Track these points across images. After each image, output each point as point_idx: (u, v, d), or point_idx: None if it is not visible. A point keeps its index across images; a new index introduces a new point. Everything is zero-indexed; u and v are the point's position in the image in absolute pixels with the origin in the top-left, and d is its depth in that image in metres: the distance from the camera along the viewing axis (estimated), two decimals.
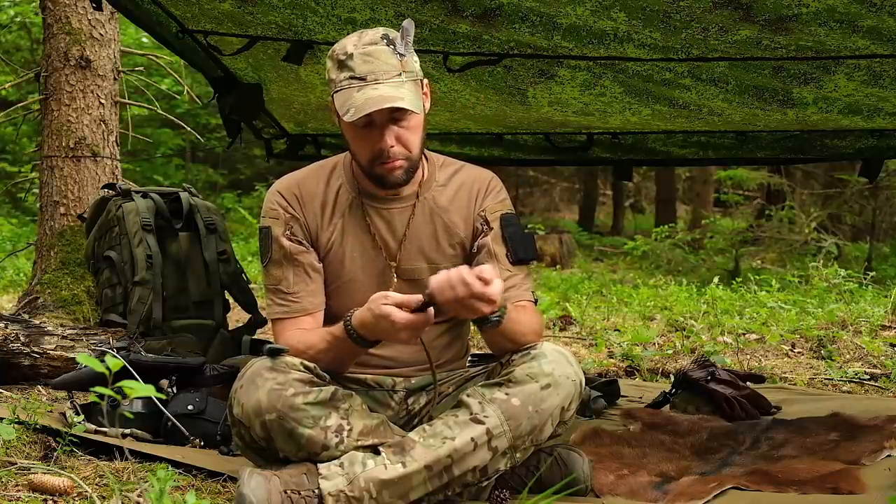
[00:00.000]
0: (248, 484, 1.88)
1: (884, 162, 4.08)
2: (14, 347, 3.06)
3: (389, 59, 2.05)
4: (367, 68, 2.05)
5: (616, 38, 2.59)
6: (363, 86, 2.04)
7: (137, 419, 2.49)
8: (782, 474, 2.42)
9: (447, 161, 2.31)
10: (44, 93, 3.99)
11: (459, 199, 2.25)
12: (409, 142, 2.10)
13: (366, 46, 2.07)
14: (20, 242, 8.00)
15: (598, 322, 5.68)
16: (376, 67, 2.05)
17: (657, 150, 3.86)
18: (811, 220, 11.66)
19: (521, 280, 2.21)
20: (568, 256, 11.25)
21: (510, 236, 2.21)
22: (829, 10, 2.26)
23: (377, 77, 2.04)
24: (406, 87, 2.05)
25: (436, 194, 2.24)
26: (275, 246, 2.21)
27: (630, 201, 18.85)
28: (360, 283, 2.21)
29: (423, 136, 2.15)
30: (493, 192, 2.27)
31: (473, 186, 2.26)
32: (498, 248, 2.21)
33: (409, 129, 2.09)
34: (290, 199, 2.22)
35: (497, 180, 2.30)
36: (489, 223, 2.23)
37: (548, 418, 2.00)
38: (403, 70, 2.07)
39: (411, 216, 2.22)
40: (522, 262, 2.22)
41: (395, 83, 2.04)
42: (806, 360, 4.66)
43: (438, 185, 2.25)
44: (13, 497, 1.97)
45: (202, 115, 12.52)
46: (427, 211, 2.23)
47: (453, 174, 2.28)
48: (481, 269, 1.89)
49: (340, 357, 2.12)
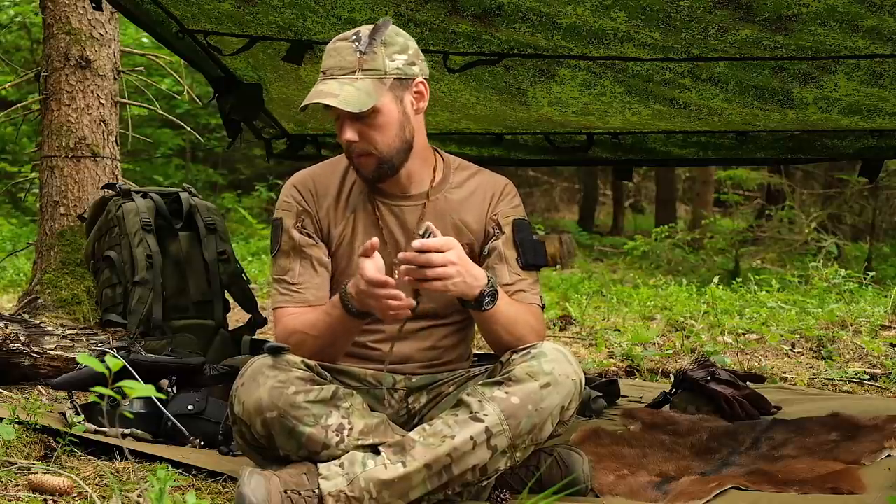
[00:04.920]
0: (248, 484, 1.89)
1: (884, 162, 4.08)
2: (14, 347, 3.06)
3: (347, 56, 2.09)
4: (328, 63, 2.11)
5: (616, 38, 2.59)
6: (321, 80, 2.11)
7: (137, 419, 2.49)
8: (782, 474, 2.42)
9: (463, 164, 2.33)
10: (44, 93, 3.99)
11: (473, 201, 2.27)
12: (372, 139, 2.12)
13: (336, 42, 2.13)
14: (20, 242, 7.99)
15: (598, 322, 5.68)
16: (334, 63, 2.10)
17: (657, 150, 3.86)
18: (811, 220, 11.66)
19: (530, 285, 2.23)
20: (568, 256, 11.24)
21: (521, 241, 2.23)
22: (829, 9, 2.26)
23: (332, 73, 2.10)
24: (356, 85, 2.07)
25: (449, 195, 2.26)
26: (285, 237, 2.23)
27: (630, 201, 18.84)
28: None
29: (399, 135, 2.14)
30: (507, 197, 2.29)
31: (488, 191, 2.28)
32: (508, 252, 2.22)
33: (371, 126, 2.11)
34: (304, 193, 2.25)
35: (512, 186, 2.32)
36: (501, 227, 2.25)
37: (547, 417, 2.00)
38: (361, 67, 2.08)
39: (422, 215, 2.23)
40: (532, 267, 2.24)
41: (345, 80, 2.07)
42: (806, 360, 4.66)
43: (452, 187, 2.27)
44: (13, 497, 1.97)
45: (202, 115, 12.51)
46: (438, 211, 2.24)
47: (469, 178, 2.30)
48: (423, 242, 1.95)
49: (336, 333, 2.14)
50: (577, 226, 15.91)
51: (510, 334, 2.12)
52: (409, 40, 2.16)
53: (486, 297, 2.04)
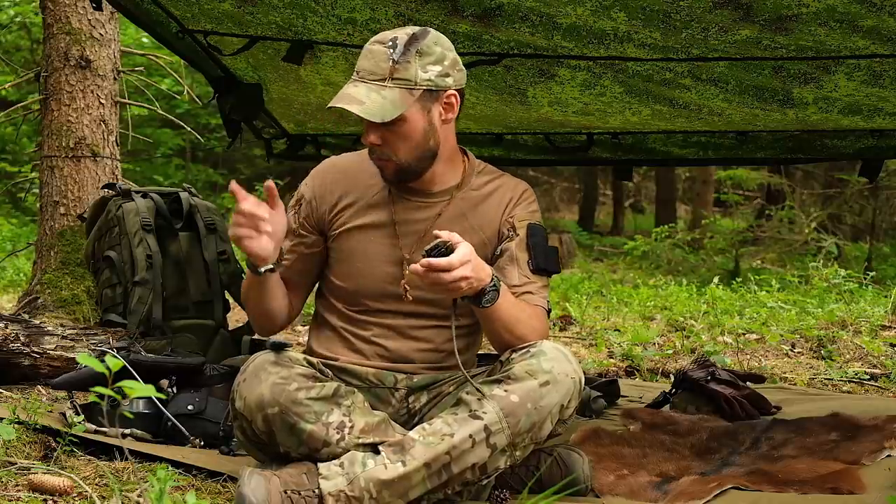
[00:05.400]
0: (248, 484, 1.89)
1: (884, 162, 4.08)
2: (14, 347, 3.06)
3: (381, 62, 2.08)
4: (362, 64, 2.11)
5: (616, 38, 2.59)
6: (352, 80, 2.12)
7: (137, 419, 2.49)
8: (782, 474, 2.42)
9: (488, 168, 2.35)
10: (44, 93, 3.98)
11: (491, 203, 2.28)
12: (394, 145, 2.14)
13: (374, 43, 2.12)
14: (20, 242, 7.99)
15: (598, 322, 5.68)
16: (366, 66, 2.10)
17: (657, 150, 3.86)
18: (811, 220, 11.67)
19: (538, 288, 2.23)
20: (568, 256, 11.23)
21: (534, 245, 2.24)
22: (829, 9, 2.26)
23: (363, 76, 2.10)
24: (383, 93, 2.07)
25: (468, 197, 2.27)
26: (290, 213, 2.30)
27: (630, 201, 18.85)
28: (372, 268, 2.24)
29: (421, 144, 2.15)
30: (524, 201, 2.30)
31: (507, 194, 2.30)
32: (520, 255, 2.23)
33: (395, 133, 2.12)
34: (316, 182, 2.32)
35: (531, 192, 2.34)
36: (516, 230, 2.25)
37: (547, 416, 2.00)
38: (392, 76, 2.08)
39: (439, 214, 2.24)
40: (542, 272, 2.24)
41: (373, 86, 2.08)
42: (806, 360, 4.66)
43: (472, 189, 2.28)
44: (13, 497, 1.97)
45: (202, 115, 12.51)
46: (456, 211, 2.25)
47: (490, 181, 2.31)
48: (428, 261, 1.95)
49: (250, 292, 2.24)
50: (577, 226, 15.92)
51: (510, 333, 2.12)
52: (447, 50, 2.15)
53: (486, 296, 2.04)
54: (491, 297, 2.05)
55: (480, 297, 2.04)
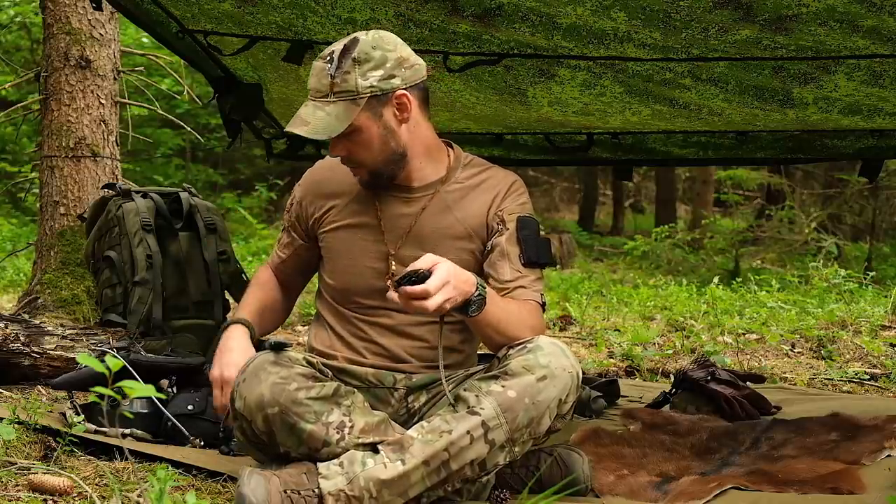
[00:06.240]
0: (248, 484, 1.89)
1: (884, 162, 4.08)
2: (14, 347, 3.06)
3: (322, 79, 2.13)
4: (310, 83, 2.18)
5: (616, 38, 2.59)
6: (305, 101, 2.17)
7: (137, 419, 2.49)
8: (782, 474, 2.42)
9: (476, 161, 2.35)
10: (44, 93, 3.98)
11: (477, 197, 2.27)
12: (357, 155, 2.19)
13: (317, 61, 2.16)
14: (20, 242, 7.99)
15: (598, 322, 5.68)
16: (313, 84, 2.16)
17: (657, 150, 3.86)
18: (811, 220, 11.66)
19: (531, 282, 2.22)
20: (568, 256, 11.23)
21: (524, 238, 2.23)
22: (829, 9, 2.26)
23: (312, 95, 2.16)
24: (327, 109, 2.11)
25: (453, 190, 2.27)
26: (286, 212, 2.44)
27: (630, 201, 18.84)
28: (358, 265, 2.27)
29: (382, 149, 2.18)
30: (513, 193, 2.29)
31: (495, 187, 2.29)
32: (511, 249, 2.22)
33: (353, 143, 2.17)
34: (306, 186, 2.39)
35: (520, 184, 2.32)
36: (506, 223, 2.24)
37: (545, 410, 2.00)
38: (333, 91, 2.11)
39: (423, 208, 2.25)
40: (534, 264, 2.23)
41: (318, 104, 2.13)
42: (806, 360, 4.66)
43: (457, 182, 2.28)
44: (13, 497, 1.97)
45: (202, 115, 12.51)
46: (441, 205, 2.25)
47: (477, 173, 2.31)
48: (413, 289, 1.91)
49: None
50: (577, 226, 15.91)
51: (502, 335, 2.11)
52: (387, 52, 2.14)
53: (472, 306, 2.01)
54: (477, 306, 2.01)
55: (466, 308, 2.01)
